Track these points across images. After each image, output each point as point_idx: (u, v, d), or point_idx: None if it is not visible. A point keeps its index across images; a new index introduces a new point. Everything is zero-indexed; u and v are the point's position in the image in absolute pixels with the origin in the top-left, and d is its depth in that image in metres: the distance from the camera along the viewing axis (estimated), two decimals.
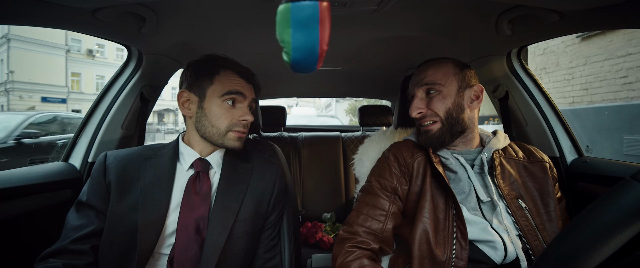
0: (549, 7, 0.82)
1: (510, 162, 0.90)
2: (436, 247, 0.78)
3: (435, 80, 0.89)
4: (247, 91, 0.88)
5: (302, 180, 2.02)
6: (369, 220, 0.86)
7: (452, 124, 0.87)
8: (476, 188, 0.85)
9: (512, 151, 0.93)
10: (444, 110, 0.87)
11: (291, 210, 1.03)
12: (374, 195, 0.90)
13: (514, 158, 0.92)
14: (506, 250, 0.76)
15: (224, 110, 0.85)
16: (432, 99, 0.89)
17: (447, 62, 0.91)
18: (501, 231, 0.79)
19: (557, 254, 0.38)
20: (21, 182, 0.92)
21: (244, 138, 0.89)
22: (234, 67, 0.88)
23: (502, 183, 0.85)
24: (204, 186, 0.84)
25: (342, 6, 0.88)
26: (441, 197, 0.84)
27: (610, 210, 0.34)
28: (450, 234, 0.79)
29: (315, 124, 3.67)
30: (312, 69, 0.50)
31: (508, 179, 0.86)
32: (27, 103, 16.54)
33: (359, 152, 1.21)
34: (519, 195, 0.84)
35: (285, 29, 0.46)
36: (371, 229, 0.85)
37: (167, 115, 25.50)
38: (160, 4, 0.91)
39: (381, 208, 0.87)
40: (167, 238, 0.80)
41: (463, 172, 0.87)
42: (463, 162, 0.88)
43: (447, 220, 0.81)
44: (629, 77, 4.83)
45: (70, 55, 18.97)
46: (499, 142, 0.92)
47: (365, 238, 0.84)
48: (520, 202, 0.83)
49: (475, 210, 0.83)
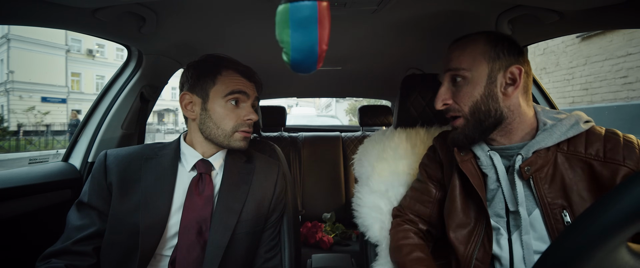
0: (549, 7, 0.82)
1: (571, 159, 0.68)
2: (459, 242, 0.77)
3: (459, 65, 0.72)
4: (250, 90, 0.88)
5: (302, 180, 2.02)
6: (417, 205, 0.91)
7: (480, 120, 0.71)
8: (505, 194, 0.72)
9: (583, 143, 0.68)
10: (469, 104, 0.71)
11: (291, 210, 1.03)
12: (422, 182, 0.93)
13: (580, 154, 0.68)
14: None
15: (229, 110, 0.84)
16: (459, 89, 0.72)
17: (476, 40, 0.72)
18: (518, 246, 0.69)
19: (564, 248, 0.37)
20: (21, 182, 0.92)
21: (249, 137, 0.89)
22: (235, 66, 0.87)
23: (545, 189, 0.68)
24: (207, 188, 0.84)
25: (342, 6, 0.88)
26: (472, 198, 0.78)
27: (620, 203, 0.34)
28: (477, 237, 0.75)
29: (315, 124, 3.66)
30: (312, 69, 0.50)
31: (556, 184, 0.68)
32: (27, 103, 16.54)
33: (359, 152, 1.21)
34: (567, 205, 0.66)
35: (284, 30, 0.46)
36: (419, 213, 0.90)
37: (167, 115, 25.50)
38: (160, 4, 0.91)
39: (428, 195, 0.90)
40: (169, 240, 0.79)
41: (493, 174, 0.75)
42: (496, 161, 0.74)
43: (478, 222, 0.76)
44: (629, 77, 4.82)
45: (70, 55, 18.96)
46: (552, 136, 0.68)
47: (413, 218, 0.90)
48: (565, 214, 0.66)
49: (501, 217, 0.74)
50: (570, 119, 0.70)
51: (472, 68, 0.71)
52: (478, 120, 0.71)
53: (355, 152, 1.22)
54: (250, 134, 0.89)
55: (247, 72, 0.88)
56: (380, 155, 1.10)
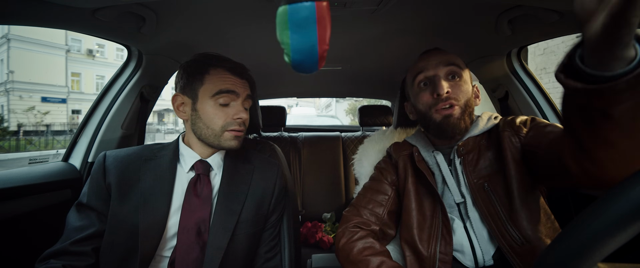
0: (549, 7, 0.82)
1: (489, 146, 0.84)
2: (420, 244, 0.80)
3: (459, 63, 0.85)
4: (240, 88, 0.85)
5: (302, 180, 2.02)
6: (372, 203, 0.91)
7: (469, 112, 0.83)
8: (450, 186, 0.83)
9: (496, 132, 0.85)
10: (465, 98, 0.82)
11: (291, 210, 1.03)
12: (379, 182, 0.95)
13: (492, 140, 0.84)
14: (475, 255, 0.76)
15: (217, 110, 0.82)
16: (456, 84, 0.83)
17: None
18: (473, 233, 0.78)
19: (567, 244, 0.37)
20: (21, 182, 0.92)
21: (241, 136, 0.86)
22: (224, 63, 0.84)
23: (469, 173, 0.81)
24: (205, 188, 0.84)
25: (342, 6, 0.88)
26: (428, 195, 0.86)
27: (623, 201, 0.33)
28: (436, 231, 0.80)
29: (315, 124, 3.66)
30: (313, 69, 0.50)
31: (476, 166, 0.82)
32: (27, 103, 16.54)
33: (359, 152, 1.21)
34: (488, 181, 0.79)
35: (284, 31, 0.46)
36: (374, 211, 0.89)
37: (167, 115, 25.49)
38: (160, 4, 0.91)
39: (384, 193, 0.92)
40: (168, 241, 0.79)
41: (438, 171, 0.86)
42: (440, 160, 0.86)
43: (434, 217, 0.82)
44: None
45: (70, 55, 18.98)
46: (476, 127, 0.86)
47: (368, 219, 0.88)
48: (485, 186, 0.78)
49: (453, 207, 0.83)
50: (483, 117, 0.89)
51: (464, 69, 0.85)
52: (469, 112, 0.83)
53: (355, 152, 1.22)
54: (243, 132, 0.86)
55: (237, 69, 0.86)
56: (379, 156, 1.10)
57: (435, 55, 0.87)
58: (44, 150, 11.77)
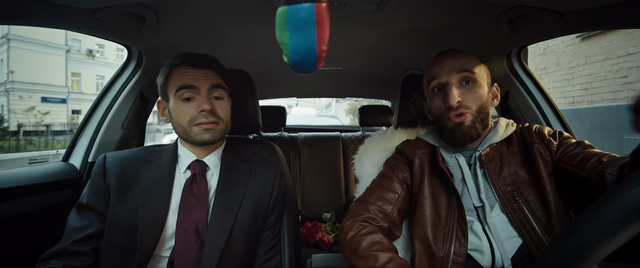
0: (549, 7, 0.82)
1: (511, 153, 0.85)
2: (435, 243, 0.79)
3: (472, 68, 0.83)
4: (202, 81, 0.82)
5: (302, 180, 2.02)
6: (381, 200, 0.89)
7: (482, 118, 0.83)
8: (470, 190, 0.83)
9: (516, 139, 0.87)
10: (478, 105, 0.82)
11: (291, 210, 1.03)
12: (389, 179, 0.92)
13: (514, 147, 0.86)
14: (494, 256, 0.76)
15: (182, 105, 0.82)
16: (468, 90, 0.82)
17: (471, 54, 0.86)
18: (491, 236, 0.78)
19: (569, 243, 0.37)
20: (21, 182, 0.92)
21: (213, 129, 0.82)
22: (184, 59, 0.84)
23: (495, 180, 0.81)
24: (201, 188, 0.84)
25: (342, 6, 0.88)
26: (444, 194, 0.85)
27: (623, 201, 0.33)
28: (451, 232, 0.79)
29: (315, 124, 3.66)
30: (312, 69, 0.50)
31: (500, 174, 0.82)
32: (27, 103, 16.54)
33: (359, 152, 1.21)
34: (516, 189, 0.80)
35: (283, 32, 0.46)
36: (382, 209, 0.87)
37: None
38: (160, 4, 0.91)
39: (394, 191, 0.90)
40: (167, 241, 0.80)
41: (458, 173, 0.86)
42: (462, 162, 0.86)
43: (449, 217, 0.81)
44: (629, 77, 4.82)
45: (70, 55, 18.98)
46: (497, 134, 0.86)
47: (376, 216, 0.85)
48: (516, 196, 0.79)
49: (471, 210, 0.83)
50: (501, 123, 0.90)
51: (479, 73, 0.84)
52: (481, 118, 0.83)
53: (356, 152, 1.22)
54: (214, 124, 0.82)
55: (196, 61, 0.83)
56: (380, 155, 1.10)
57: (450, 59, 0.85)
58: (44, 150, 11.77)
